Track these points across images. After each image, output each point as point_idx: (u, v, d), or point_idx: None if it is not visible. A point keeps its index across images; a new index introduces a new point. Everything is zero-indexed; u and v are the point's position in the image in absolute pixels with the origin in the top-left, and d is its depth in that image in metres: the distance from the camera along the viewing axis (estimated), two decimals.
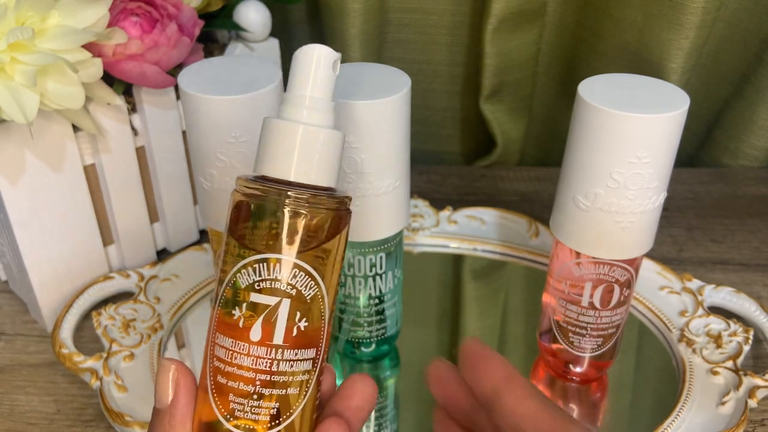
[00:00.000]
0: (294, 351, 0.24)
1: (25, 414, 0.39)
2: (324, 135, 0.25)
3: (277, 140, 0.25)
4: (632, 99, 0.32)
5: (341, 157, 0.26)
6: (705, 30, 0.52)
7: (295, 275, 0.24)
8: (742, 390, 0.38)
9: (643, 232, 0.35)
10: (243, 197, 0.25)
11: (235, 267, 0.24)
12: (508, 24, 0.56)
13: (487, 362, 0.26)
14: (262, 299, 0.24)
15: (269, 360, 0.24)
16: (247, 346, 0.24)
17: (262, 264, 0.24)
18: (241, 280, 0.24)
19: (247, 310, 0.24)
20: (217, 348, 0.25)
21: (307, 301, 0.25)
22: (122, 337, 0.42)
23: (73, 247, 0.44)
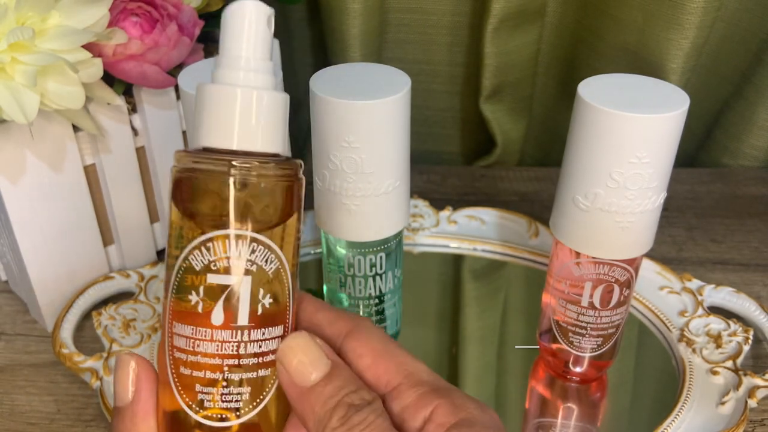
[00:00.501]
0: (261, 330, 0.23)
1: (26, 414, 0.39)
2: (266, 97, 0.23)
3: (215, 107, 0.23)
4: (632, 99, 0.32)
5: (287, 120, 0.24)
6: (705, 30, 0.52)
7: (254, 250, 0.23)
8: (741, 390, 0.38)
9: (642, 232, 0.35)
10: (184, 173, 0.23)
11: (186, 249, 0.23)
12: (508, 24, 0.56)
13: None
14: (221, 279, 0.23)
15: (235, 343, 0.23)
16: (210, 331, 0.23)
17: (216, 242, 0.23)
18: (194, 262, 0.23)
19: (205, 293, 0.23)
20: (176, 338, 0.23)
21: (269, 276, 0.23)
22: (122, 337, 0.42)
23: (73, 247, 0.44)
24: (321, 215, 0.37)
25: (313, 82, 0.34)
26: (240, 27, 0.23)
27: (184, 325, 0.23)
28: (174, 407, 0.23)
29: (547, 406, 0.41)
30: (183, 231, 0.23)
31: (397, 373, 0.24)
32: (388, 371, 0.24)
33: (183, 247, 0.23)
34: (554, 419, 0.40)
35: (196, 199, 0.23)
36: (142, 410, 0.24)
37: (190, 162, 0.23)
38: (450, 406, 0.23)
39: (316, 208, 0.37)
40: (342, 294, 0.39)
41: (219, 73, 0.23)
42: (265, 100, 0.23)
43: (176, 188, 0.23)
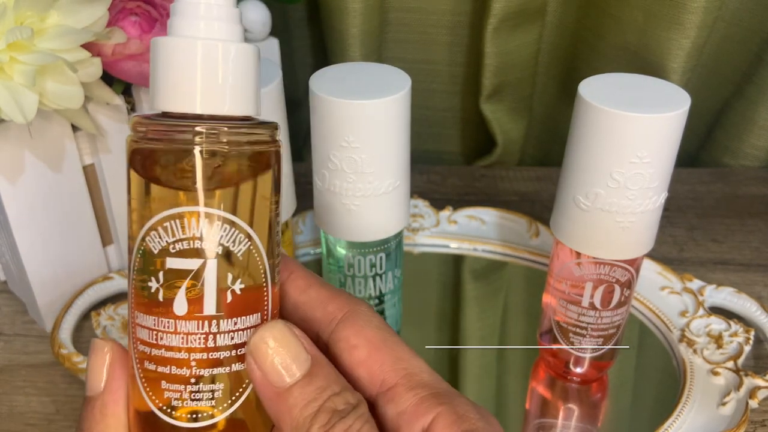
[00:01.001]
0: (233, 320, 0.20)
1: (24, 414, 0.39)
2: (233, 50, 0.20)
3: (173, 64, 0.19)
4: (633, 99, 0.32)
5: (258, 77, 0.21)
6: (706, 30, 0.52)
7: (218, 228, 0.20)
8: (742, 390, 0.38)
9: (643, 232, 0.35)
10: (141, 142, 0.20)
11: (143, 228, 0.20)
12: (508, 24, 0.56)
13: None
14: (182, 264, 0.20)
15: (203, 335, 0.20)
16: (173, 322, 0.20)
17: (175, 221, 0.20)
18: (151, 243, 0.20)
19: (165, 279, 0.20)
20: (139, 329, 0.20)
21: (239, 258, 0.20)
22: (122, 337, 0.42)
23: (72, 247, 0.44)
24: (321, 215, 0.37)
25: (313, 82, 0.34)
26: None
27: (146, 316, 0.20)
28: (142, 406, 0.21)
29: (547, 407, 0.41)
30: (140, 208, 0.20)
31: (394, 371, 0.22)
32: (384, 368, 0.22)
33: (140, 225, 0.20)
34: (555, 420, 0.40)
35: (154, 171, 0.20)
36: (111, 401, 0.21)
37: (147, 129, 0.20)
38: (452, 416, 0.21)
39: (316, 208, 0.37)
40: None
41: (175, 23, 0.20)
42: (232, 53, 0.20)
43: (132, 159, 0.20)
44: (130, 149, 0.20)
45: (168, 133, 0.20)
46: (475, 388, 0.42)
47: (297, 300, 0.24)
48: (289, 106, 0.36)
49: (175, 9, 0.20)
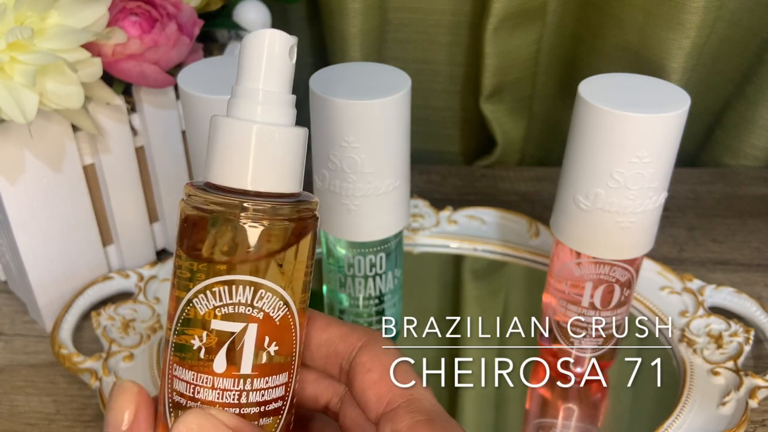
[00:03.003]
0: (264, 379, 0.22)
1: (25, 414, 0.39)
2: (283, 134, 0.22)
3: (229, 143, 0.22)
4: (633, 99, 0.32)
5: (304, 157, 0.23)
6: (706, 29, 0.52)
7: (261, 296, 0.22)
8: (742, 390, 0.38)
9: (643, 232, 0.35)
10: (194, 210, 0.22)
11: (191, 291, 0.22)
12: (508, 24, 0.56)
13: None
14: (225, 326, 0.21)
15: (237, 392, 0.22)
16: (211, 378, 0.21)
17: (222, 287, 0.21)
18: (199, 305, 0.21)
19: (208, 339, 0.21)
20: (176, 381, 0.22)
21: (276, 323, 0.22)
22: (122, 337, 0.42)
23: (72, 247, 0.44)
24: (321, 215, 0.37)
25: (313, 81, 0.34)
26: (259, 57, 0.22)
27: (185, 370, 0.22)
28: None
29: (547, 407, 0.41)
30: (188, 271, 0.22)
31: (400, 394, 0.23)
32: (391, 390, 0.24)
33: (188, 289, 0.22)
34: (555, 420, 0.40)
35: (203, 239, 0.22)
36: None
37: (200, 199, 0.22)
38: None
39: None
40: (342, 294, 0.39)
41: (235, 105, 0.22)
42: (284, 137, 0.22)
43: (184, 225, 0.22)
44: (181, 215, 0.22)
45: (218, 205, 0.21)
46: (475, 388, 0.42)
47: (320, 339, 0.25)
48: None
49: (236, 91, 0.22)
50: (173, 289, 0.22)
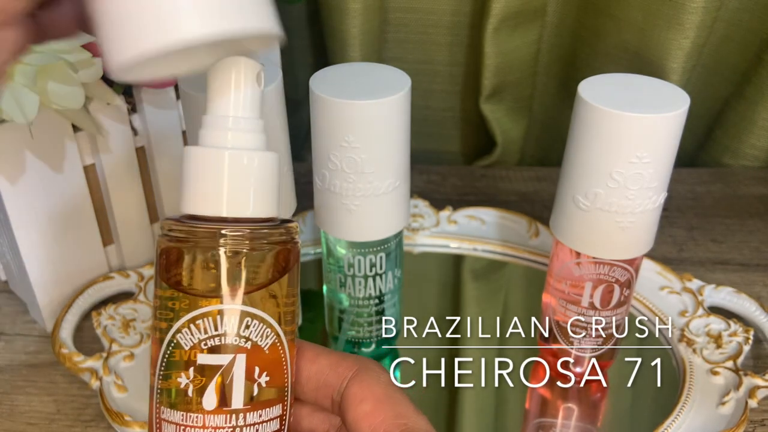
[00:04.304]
0: (258, 413, 0.21)
1: (25, 414, 0.39)
2: (257, 159, 0.21)
3: (202, 171, 0.21)
4: (632, 99, 0.32)
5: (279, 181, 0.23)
6: (705, 30, 0.52)
7: (248, 325, 0.21)
8: (742, 390, 0.38)
9: (643, 232, 0.35)
10: (171, 243, 0.21)
11: (174, 326, 0.21)
12: (508, 24, 0.56)
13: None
14: (212, 360, 0.21)
15: (230, 429, 0.21)
16: (201, 417, 0.21)
17: (206, 319, 0.21)
18: (182, 340, 0.21)
19: (196, 374, 0.21)
20: (165, 425, 0.21)
21: (265, 352, 0.21)
22: (122, 337, 0.42)
23: (72, 247, 0.44)
24: (321, 215, 0.37)
25: (313, 82, 0.34)
26: (227, 84, 0.21)
27: (173, 411, 0.21)
28: None
29: (547, 407, 0.41)
30: (170, 304, 0.21)
31: (395, 425, 0.22)
32: (385, 421, 0.23)
33: (170, 322, 0.21)
34: (554, 420, 0.40)
35: (183, 270, 0.21)
36: None
37: (176, 231, 0.21)
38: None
39: (316, 208, 0.37)
40: (342, 294, 0.39)
41: (206, 134, 0.22)
42: (256, 162, 0.21)
43: (162, 258, 0.22)
44: (159, 249, 0.22)
45: (195, 235, 0.21)
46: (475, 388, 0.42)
47: (309, 371, 0.24)
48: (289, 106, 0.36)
49: (206, 121, 0.22)
50: (154, 332, 0.22)
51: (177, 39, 0.18)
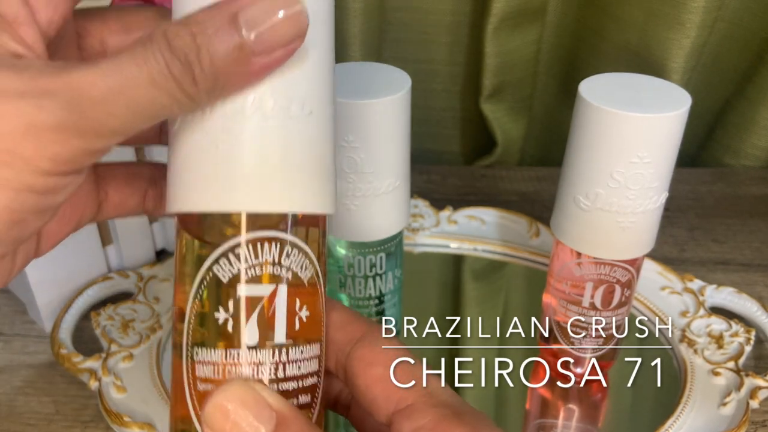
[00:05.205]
0: (300, 349, 0.20)
1: (24, 414, 0.39)
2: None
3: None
4: (633, 98, 0.32)
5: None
6: (706, 29, 0.51)
7: (288, 254, 0.20)
8: (743, 391, 0.38)
9: (644, 232, 0.34)
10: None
11: (209, 259, 0.19)
12: (508, 23, 0.55)
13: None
14: (254, 290, 0.19)
15: (273, 365, 0.20)
16: (244, 352, 0.19)
17: (246, 247, 0.19)
18: (221, 272, 0.19)
19: (236, 308, 0.19)
20: (200, 368, 0.20)
21: (305, 285, 0.20)
22: (121, 337, 0.42)
23: (71, 247, 0.44)
24: None
25: None
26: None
27: (211, 350, 0.20)
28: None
29: (547, 407, 0.41)
30: (203, 237, 0.20)
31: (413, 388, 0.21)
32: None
33: (203, 260, 0.19)
34: (555, 420, 0.40)
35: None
36: None
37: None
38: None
39: None
40: (342, 294, 0.39)
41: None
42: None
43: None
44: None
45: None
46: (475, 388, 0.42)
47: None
48: None
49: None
50: (183, 267, 0.20)
51: (235, 208, 0.19)
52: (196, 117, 0.19)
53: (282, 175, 0.19)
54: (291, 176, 0.19)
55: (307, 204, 0.20)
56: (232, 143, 0.19)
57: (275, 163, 0.19)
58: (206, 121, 0.19)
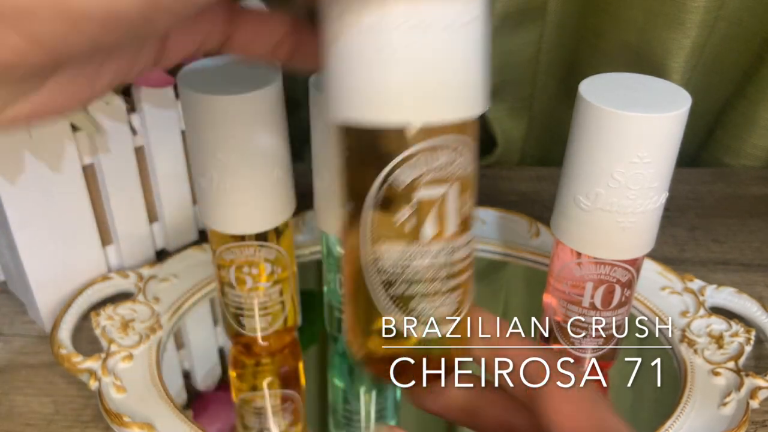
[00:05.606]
0: (464, 237, 0.23)
1: (24, 415, 0.39)
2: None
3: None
4: (633, 98, 0.32)
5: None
6: (706, 29, 0.51)
7: (457, 156, 0.22)
8: (743, 391, 0.38)
9: (644, 232, 0.34)
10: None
11: (389, 166, 0.21)
12: (508, 23, 0.55)
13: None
14: (431, 192, 0.22)
15: (447, 252, 0.23)
16: (422, 246, 0.22)
17: (424, 154, 0.21)
18: (401, 177, 0.21)
19: (414, 209, 0.22)
20: (381, 261, 0.23)
21: (469, 181, 0.23)
22: (121, 337, 0.42)
23: (71, 248, 0.44)
24: (321, 215, 0.37)
25: (313, 82, 0.34)
26: None
27: (392, 246, 0.22)
28: (383, 325, 0.23)
29: None
30: (379, 146, 0.21)
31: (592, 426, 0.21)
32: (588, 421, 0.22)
33: (380, 167, 0.21)
34: None
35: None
36: None
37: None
38: None
39: (316, 208, 0.37)
40: (342, 294, 0.39)
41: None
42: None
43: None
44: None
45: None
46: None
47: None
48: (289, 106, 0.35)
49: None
50: (351, 176, 0.22)
51: (414, 119, 0.21)
52: (372, 29, 0.20)
53: (457, 84, 0.21)
54: (463, 85, 0.21)
55: (473, 108, 0.22)
56: (411, 57, 0.20)
57: (448, 75, 0.21)
58: (383, 33, 0.20)
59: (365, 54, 0.20)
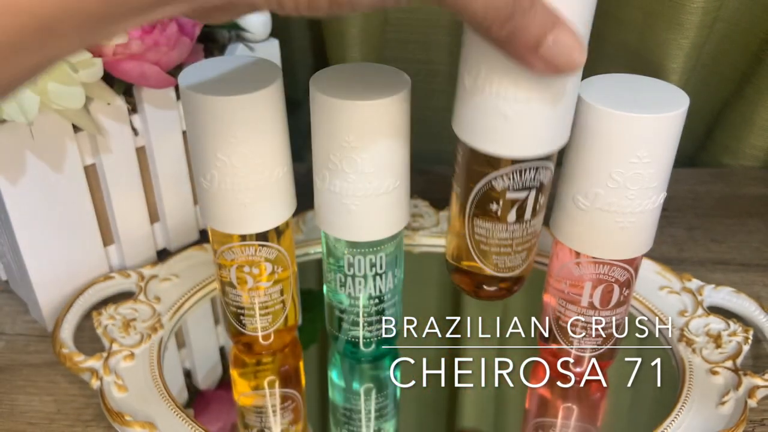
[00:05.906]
0: (534, 221, 0.34)
1: (26, 414, 0.39)
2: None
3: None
4: (632, 99, 0.32)
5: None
6: (705, 30, 0.52)
7: (539, 173, 0.32)
8: (741, 390, 0.38)
9: (642, 232, 0.35)
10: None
11: (485, 178, 0.32)
12: None
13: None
14: (516, 195, 0.32)
15: (522, 229, 0.33)
16: (505, 225, 0.33)
17: (515, 171, 0.32)
18: (496, 184, 0.32)
19: (504, 204, 0.33)
20: (476, 228, 0.34)
21: (546, 188, 0.33)
22: (122, 336, 0.42)
23: (73, 247, 0.44)
24: (321, 215, 0.37)
25: (313, 82, 0.34)
26: None
27: (485, 222, 0.33)
28: (476, 269, 0.35)
29: (547, 407, 0.41)
30: (486, 162, 0.31)
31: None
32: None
33: (480, 178, 0.32)
34: (554, 419, 0.40)
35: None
36: None
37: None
38: None
39: (316, 208, 0.37)
40: (342, 294, 0.39)
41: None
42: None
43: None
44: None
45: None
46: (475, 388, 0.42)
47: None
48: (289, 106, 0.36)
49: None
50: (467, 175, 0.33)
51: (513, 155, 0.30)
52: (484, 91, 0.31)
53: (543, 133, 0.30)
54: (548, 131, 0.30)
55: (554, 146, 0.30)
56: (517, 110, 0.29)
57: (541, 120, 0.29)
58: (491, 97, 0.30)
59: (484, 108, 0.30)
